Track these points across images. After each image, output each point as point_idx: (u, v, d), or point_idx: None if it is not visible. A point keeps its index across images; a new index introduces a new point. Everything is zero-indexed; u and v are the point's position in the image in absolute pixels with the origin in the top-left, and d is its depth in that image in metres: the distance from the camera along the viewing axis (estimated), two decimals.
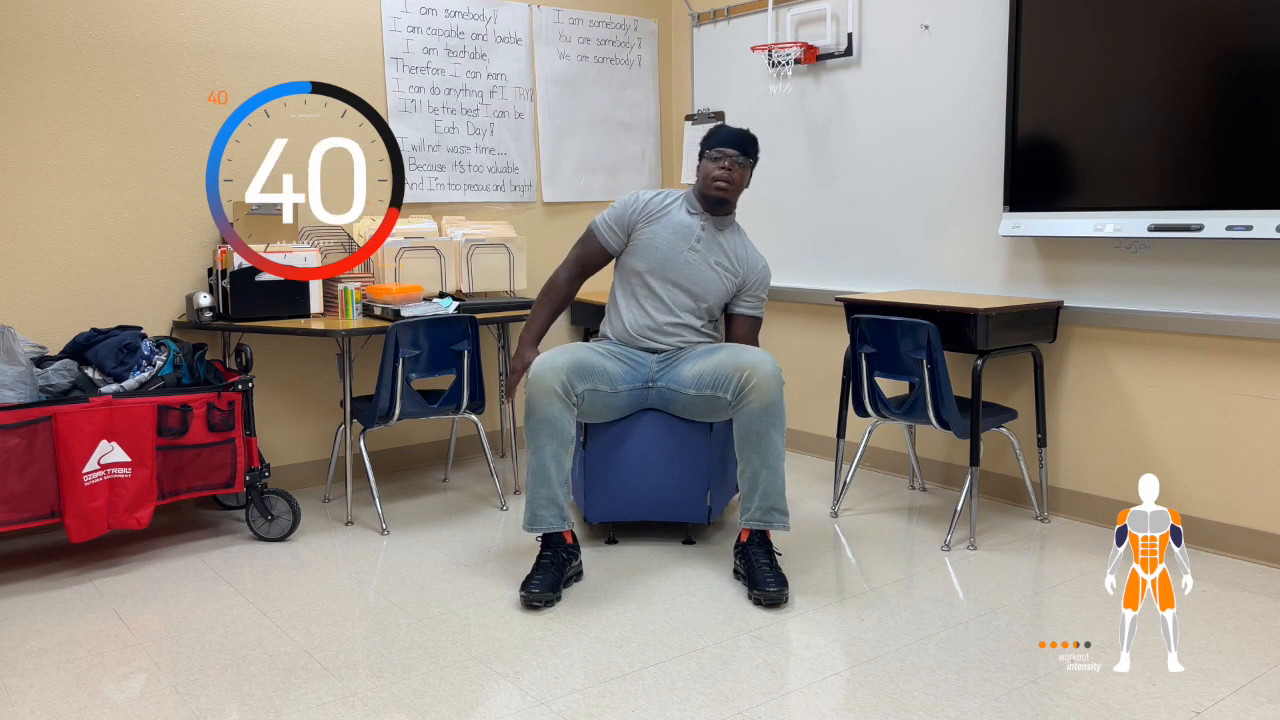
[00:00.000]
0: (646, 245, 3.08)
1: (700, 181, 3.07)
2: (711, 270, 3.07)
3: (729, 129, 3.06)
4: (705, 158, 3.05)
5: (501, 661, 2.39)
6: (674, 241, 3.06)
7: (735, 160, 3.00)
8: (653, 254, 3.07)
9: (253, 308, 3.45)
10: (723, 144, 3.02)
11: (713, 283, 3.08)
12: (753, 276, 3.14)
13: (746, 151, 3.03)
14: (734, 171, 3.00)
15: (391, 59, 4.02)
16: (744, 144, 3.03)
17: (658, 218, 3.09)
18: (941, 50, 3.69)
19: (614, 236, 3.13)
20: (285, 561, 3.11)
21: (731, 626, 2.57)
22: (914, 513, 3.54)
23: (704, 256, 3.07)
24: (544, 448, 2.81)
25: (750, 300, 3.16)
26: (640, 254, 3.09)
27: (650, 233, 3.08)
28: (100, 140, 3.40)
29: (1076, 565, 2.99)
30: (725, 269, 3.09)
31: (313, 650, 2.46)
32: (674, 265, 3.06)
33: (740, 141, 3.02)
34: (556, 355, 2.91)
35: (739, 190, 3.06)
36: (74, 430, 2.86)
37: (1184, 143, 3.00)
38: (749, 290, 3.15)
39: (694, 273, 3.06)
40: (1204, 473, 3.11)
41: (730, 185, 3.01)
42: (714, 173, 3.01)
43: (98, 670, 2.38)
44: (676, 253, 3.06)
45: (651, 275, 3.07)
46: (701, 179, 3.06)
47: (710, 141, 3.05)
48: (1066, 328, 3.39)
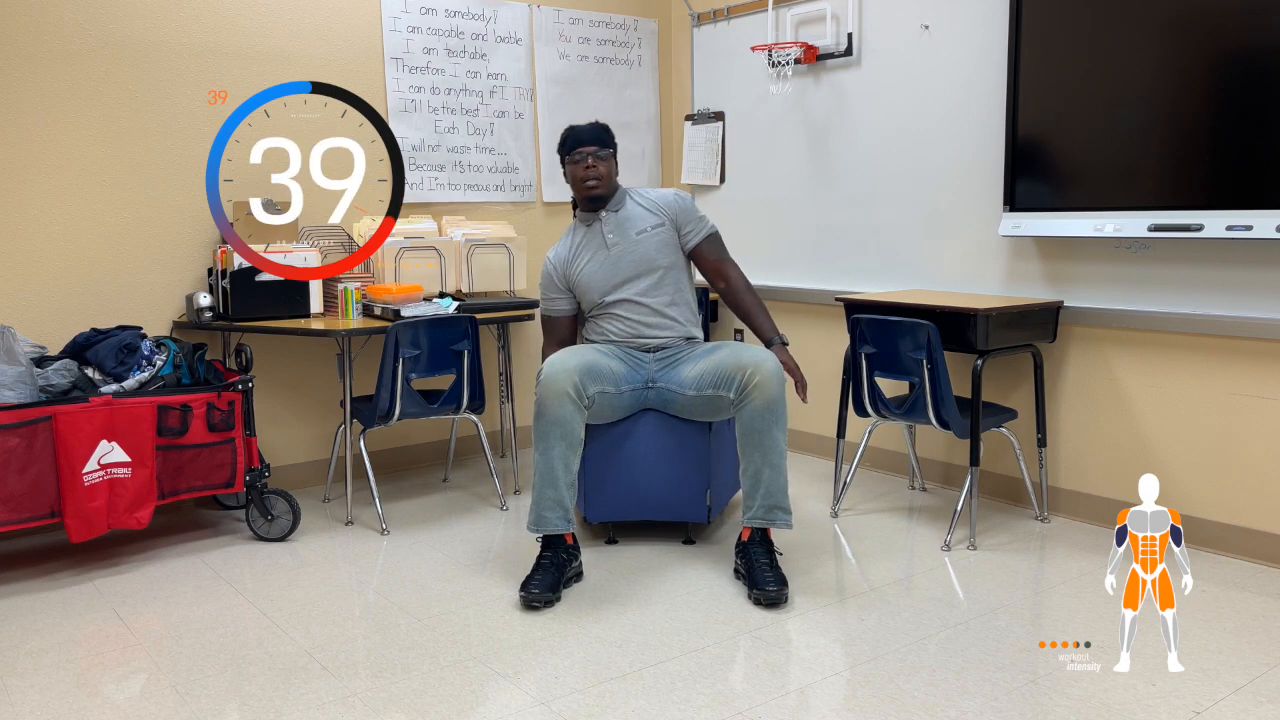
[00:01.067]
0: (587, 283, 3.12)
1: (574, 190, 3.12)
2: (638, 242, 3.09)
3: (575, 129, 3.10)
4: (567, 165, 3.10)
5: (501, 661, 2.39)
6: (597, 256, 3.10)
7: (595, 154, 3.04)
8: (594, 281, 3.11)
9: (253, 308, 3.45)
10: (578, 145, 3.06)
11: (649, 248, 3.09)
12: (672, 210, 3.15)
13: (603, 143, 3.07)
14: (598, 165, 3.05)
15: (391, 59, 4.02)
16: (597, 137, 3.07)
17: (574, 258, 3.14)
18: (941, 50, 3.69)
19: (563, 301, 3.20)
20: (285, 561, 3.11)
21: (731, 626, 2.57)
22: (914, 513, 3.54)
23: (623, 240, 3.09)
24: (553, 449, 2.81)
25: (690, 227, 3.15)
26: (586, 290, 3.13)
27: (579, 270, 3.13)
28: (100, 140, 3.40)
29: (1076, 565, 2.99)
30: (649, 228, 3.11)
31: (313, 650, 2.46)
32: (613, 271, 3.09)
33: (594, 136, 3.07)
34: (568, 357, 2.91)
35: (610, 178, 3.09)
36: (74, 430, 2.86)
37: (1184, 142, 3.00)
38: (682, 222, 3.15)
39: (629, 258, 3.08)
40: (1204, 473, 3.11)
41: (600, 179, 3.05)
42: (579, 175, 3.06)
43: (98, 670, 2.38)
44: (606, 261, 3.09)
45: (606, 295, 3.11)
46: (574, 186, 3.11)
47: (566, 148, 3.10)
48: (1066, 328, 3.39)
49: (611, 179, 3.10)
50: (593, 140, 3.06)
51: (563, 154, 3.10)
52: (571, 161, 3.07)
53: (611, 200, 3.13)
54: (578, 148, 3.06)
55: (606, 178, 3.07)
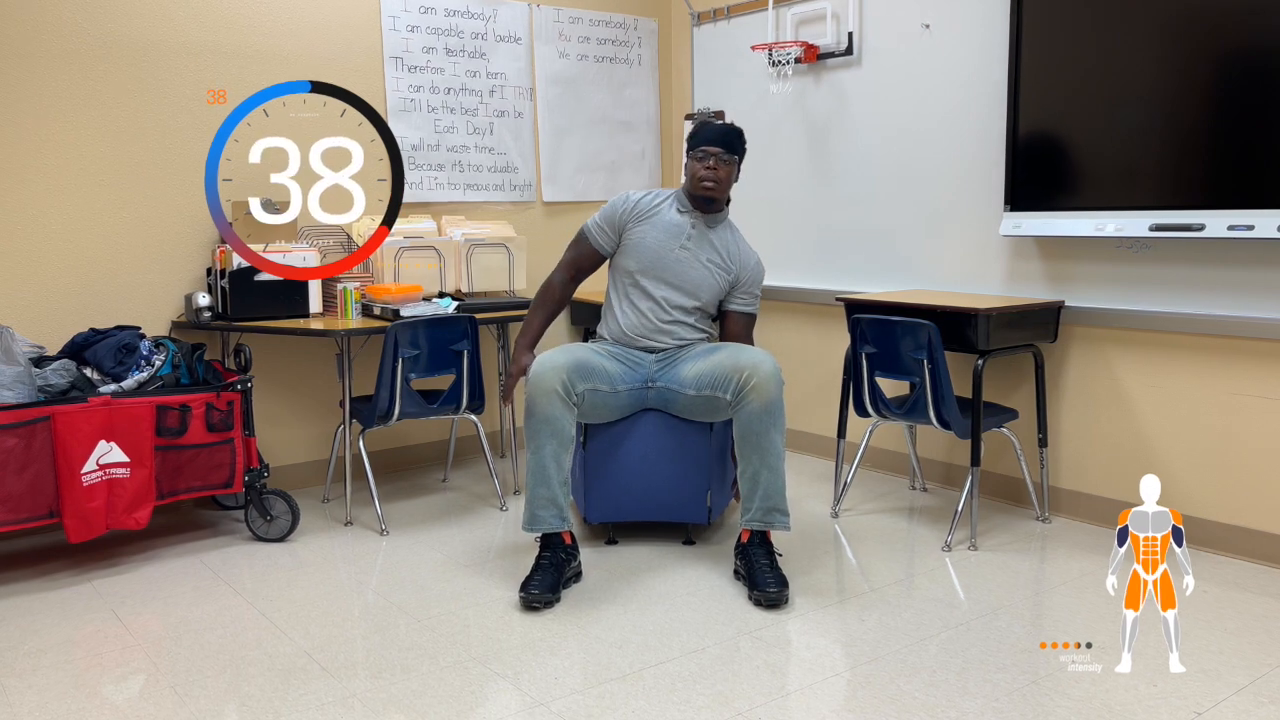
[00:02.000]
0: (637, 245, 3.08)
1: (688, 181, 3.07)
2: (704, 268, 3.07)
3: (713, 126, 3.06)
4: (690, 156, 3.06)
5: (501, 662, 2.39)
6: (665, 240, 3.07)
7: (720, 158, 3.00)
8: (644, 254, 3.07)
9: (252, 307, 3.46)
10: (706, 142, 3.01)
11: (705, 280, 3.08)
12: (745, 273, 3.14)
13: (731, 148, 3.02)
14: (719, 169, 3.00)
15: (391, 58, 4.02)
16: (728, 140, 3.02)
17: (648, 217, 3.09)
18: (942, 49, 3.69)
19: (605, 238, 3.14)
20: (284, 562, 3.11)
21: (732, 627, 2.58)
22: (915, 513, 3.55)
23: (695, 254, 3.07)
24: (544, 447, 2.81)
25: (744, 297, 3.16)
26: (632, 254, 3.09)
27: (640, 232, 3.08)
28: (99, 139, 3.41)
29: (1078, 566, 3.00)
30: (717, 266, 3.09)
31: (312, 651, 2.47)
32: (665, 264, 3.06)
33: (724, 138, 3.02)
34: (556, 355, 2.92)
35: (726, 187, 3.05)
36: (72, 430, 2.87)
37: (1185, 142, 3.01)
38: (742, 287, 3.14)
39: (686, 271, 3.07)
40: (1205, 473, 3.11)
41: (716, 183, 3.01)
42: (699, 172, 3.01)
43: (96, 671, 2.38)
44: (667, 251, 3.06)
45: (643, 275, 3.08)
46: (689, 178, 3.06)
47: (694, 140, 3.05)
48: (1067, 328, 3.40)
49: (728, 186, 3.05)
50: (721, 142, 3.01)
51: (690, 144, 3.06)
52: (695, 156, 3.02)
53: (716, 211, 3.11)
54: (706, 144, 3.01)
55: (724, 183, 3.03)
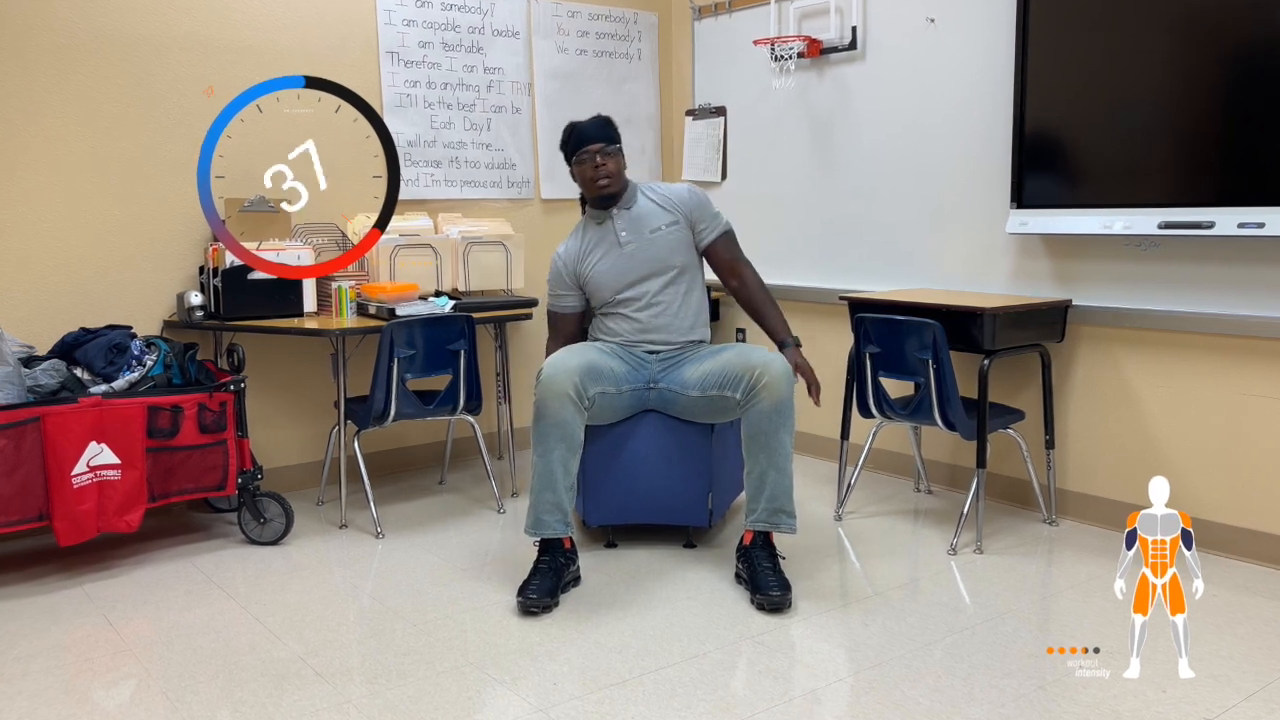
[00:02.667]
0: (597, 278, 3.10)
1: (583, 189, 3.09)
2: (654, 241, 3.07)
3: (579, 126, 3.04)
4: (574, 165, 3.05)
5: (499, 668, 2.39)
6: (609, 254, 3.08)
7: (603, 151, 3.00)
8: (606, 279, 3.09)
9: (245, 307, 3.45)
10: (583, 144, 3.01)
11: (663, 247, 3.07)
12: (686, 207, 3.12)
13: (609, 138, 3.03)
14: (607, 163, 3.01)
15: (387, 53, 4.02)
16: (602, 132, 3.02)
17: (585, 254, 3.12)
18: (947, 44, 3.69)
19: (572, 298, 3.17)
20: (278, 565, 3.11)
21: (733, 632, 2.57)
22: (919, 516, 3.54)
23: (637, 238, 3.07)
24: (553, 451, 2.81)
25: (706, 224, 3.14)
26: (597, 288, 3.11)
27: (591, 270, 3.10)
28: (89, 136, 3.40)
29: (1085, 569, 2.99)
30: (663, 227, 3.09)
31: (306, 656, 2.46)
32: (625, 270, 3.07)
33: (597, 131, 3.02)
34: (568, 357, 2.91)
35: (621, 174, 3.05)
36: (63, 431, 2.86)
37: (1194, 138, 3.00)
38: (697, 219, 3.13)
39: (642, 257, 3.07)
40: (1215, 475, 3.11)
41: (611, 177, 3.01)
42: (589, 175, 3.02)
43: (87, 676, 2.37)
44: (618, 260, 3.07)
45: (618, 293, 3.09)
46: (584, 187, 3.07)
47: (569, 148, 3.05)
48: (1075, 327, 3.39)
49: (622, 175, 3.06)
50: (599, 137, 3.01)
51: (567, 153, 3.06)
52: (578, 162, 3.03)
53: (623, 197, 3.10)
54: (583, 146, 3.01)
55: (617, 174, 3.03)
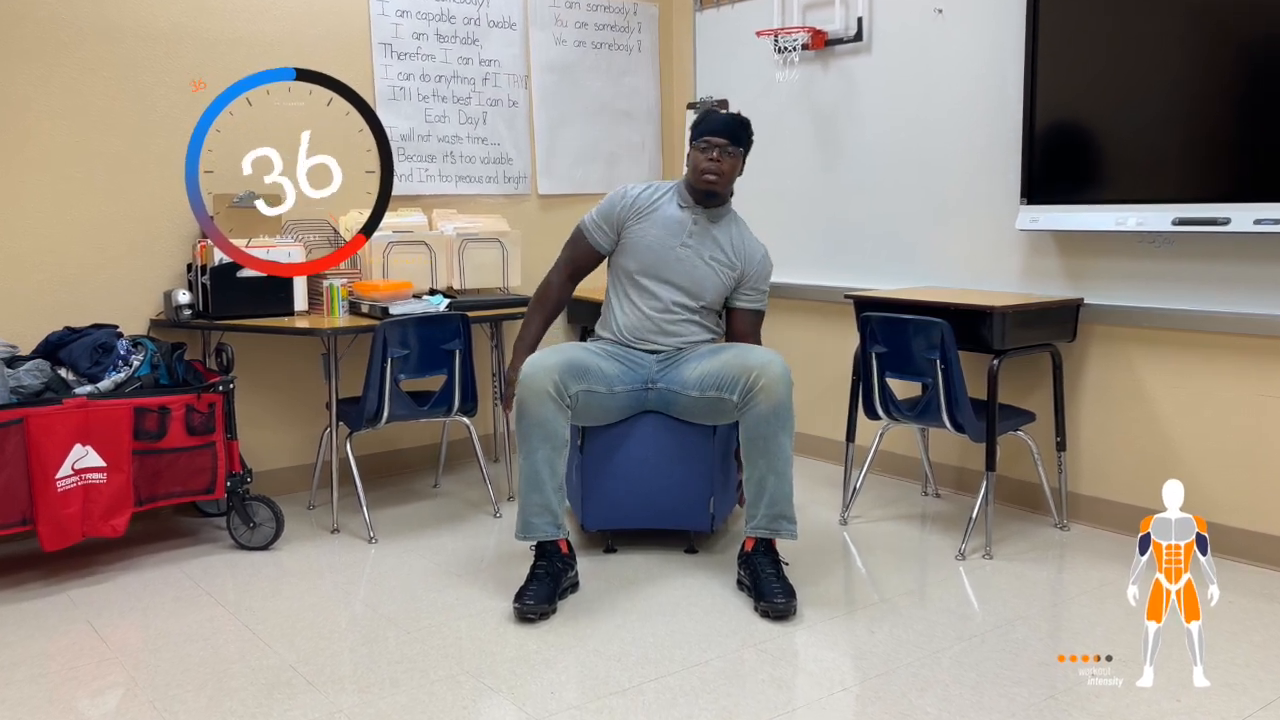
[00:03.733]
0: (637, 243, 3.07)
1: (689, 173, 3.05)
2: (706, 265, 3.06)
3: (717, 115, 3.04)
4: (694, 147, 3.03)
5: (494, 676, 2.39)
6: (665, 238, 3.05)
7: (725, 149, 2.98)
8: (643, 252, 3.06)
9: (234, 305, 3.45)
10: (710, 132, 2.99)
11: (708, 278, 3.07)
12: (751, 268, 3.12)
13: (736, 139, 3.00)
14: (723, 161, 2.98)
15: (379, 44, 4.02)
16: (733, 130, 3.00)
17: (647, 214, 3.08)
18: (956, 35, 3.69)
19: (603, 235, 3.13)
20: (268, 571, 3.11)
21: (736, 639, 2.57)
22: (927, 520, 3.54)
23: (697, 251, 3.05)
24: (536, 451, 2.81)
25: (750, 294, 3.14)
26: (631, 253, 3.08)
27: (640, 230, 3.07)
28: (74, 130, 3.40)
29: (1097, 575, 2.99)
30: (721, 263, 3.08)
31: (297, 664, 2.46)
32: (666, 263, 3.05)
33: (729, 128, 2.99)
34: (548, 355, 2.91)
35: (730, 180, 3.04)
36: (47, 433, 2.86)
37: (1210, 132, 3.00)
38: (748, 283, 3.13)
39: (688, 269, 3.05)
40: (1231, 478, 3.11)
41: (720, 176, 2.99)
42: (702, 164, 2.99)
43: (72, 685, 2.37)
44: (668, 249, 3.05)
45: (643, 275, 3.07)
46: (690, 170, 3.04)
47: (698, 130, 3.03)
48: (1087, 326, 3.39)
49: (732, 179, 3.04)
50: (729, 133, 2.98)
51: (693, 134, 3.03)
52: (698, 146, 3.00)
53: (719, 206, 3.09)
54: (712, 134, 2.98)
55: (728, 176, 3.01)
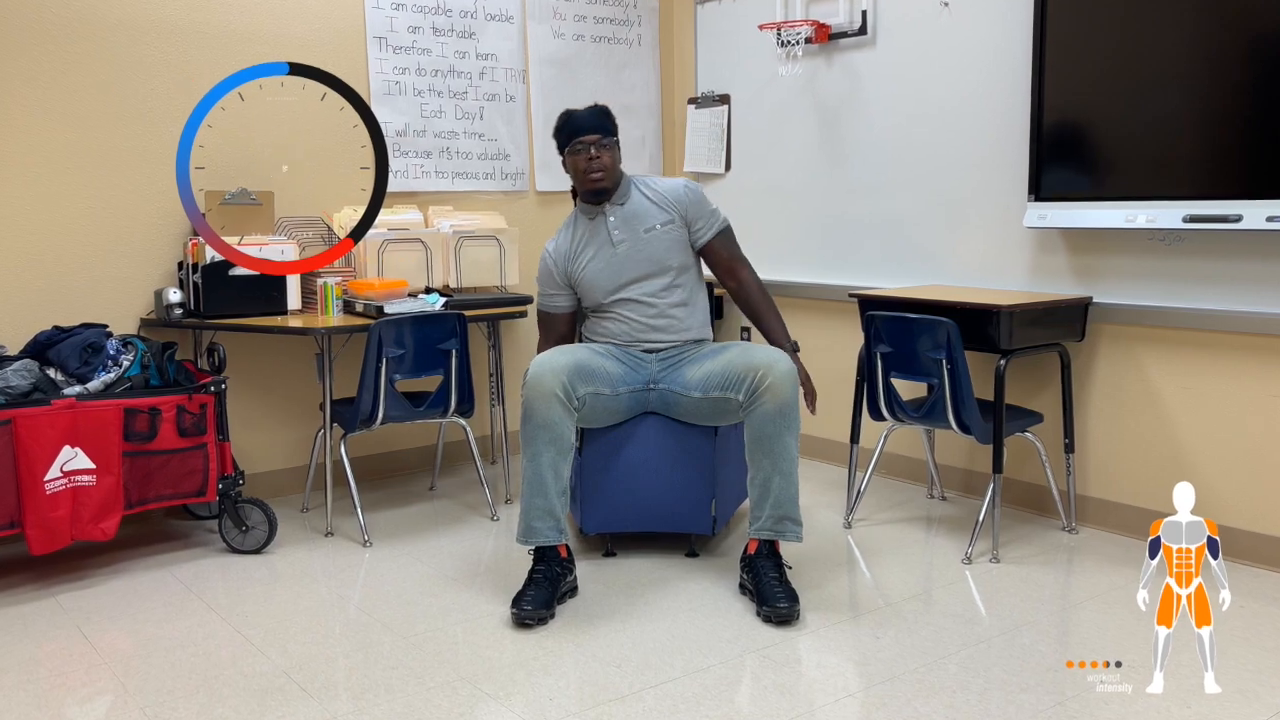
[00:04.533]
0: (589, 280, 3.10)
1: (576, 183, 3.09)
2: (649, 241, 3.07)
3: (574, 115, 3.05)
4: (566, 155, 3.05)
5: (492, 682, 2.39)
6: (602, 254, 3.07)
7: (598, 144, 3.00)
8: (598, 281, 3.09)
9: (226, 304, 3.45)
10: (577, 133, 3.01)
11: (659, 248, 3.07)
12: (683, 203, 3.12)
13: (604, 129, 3.02)
14: (602, 155, 3.00)
15: (374, 38, 4.02)
16: (598, 123, 3.02)
17: (577, 251, 3.12)
18: (962, 28, 3.69)
19: (561, 298, 3.18)
20: (261, 575, 3.11)
21: (738, 645, 2.57)
22: (933, 523, 3.55)
23: (632, 238, 3.06)
24: (541, 455, 2.81)
25: (701, 222, 3.13)
26: (589, 290, 3.11)
27: (582, 269, 3.10)
28: (63, 125, 3.40)
29: (1106, 579, 3.00)
30: (659, 225, 3.08)
31: (290, 670, 2.47)
32: (620, 271, 3.07)
33: (593, 122, 3.02)
34: (556, 356, 2.91)
35: (615, 168, 3.05)
36: (35, 435, 2.86)
37: (1222, 127, 3.00)
38: (693, 216, 3.12)
39: (639, 259, 3.06)
40: (1243, 480, 3.11)
41: (605, 171, 3.01)
42: (582, 166, 3.01)
43: (61, 692, 2.38)
44: (611, 260, 3.07)
45: (610, 295, 3.09)
46: (575, 179, 3.07)
47: (562, 136, 3.05)
48: (1096, 325, 3.40)
49: (616, 169, 3.06)
50: (594, 127, 3.01)
51: (560, 143, 3.06)
52: (571, 152, 3.03)
53: (616, 192, 3.10)
54: (577, 136, 3.01)
55: (611, 168, 3.03)
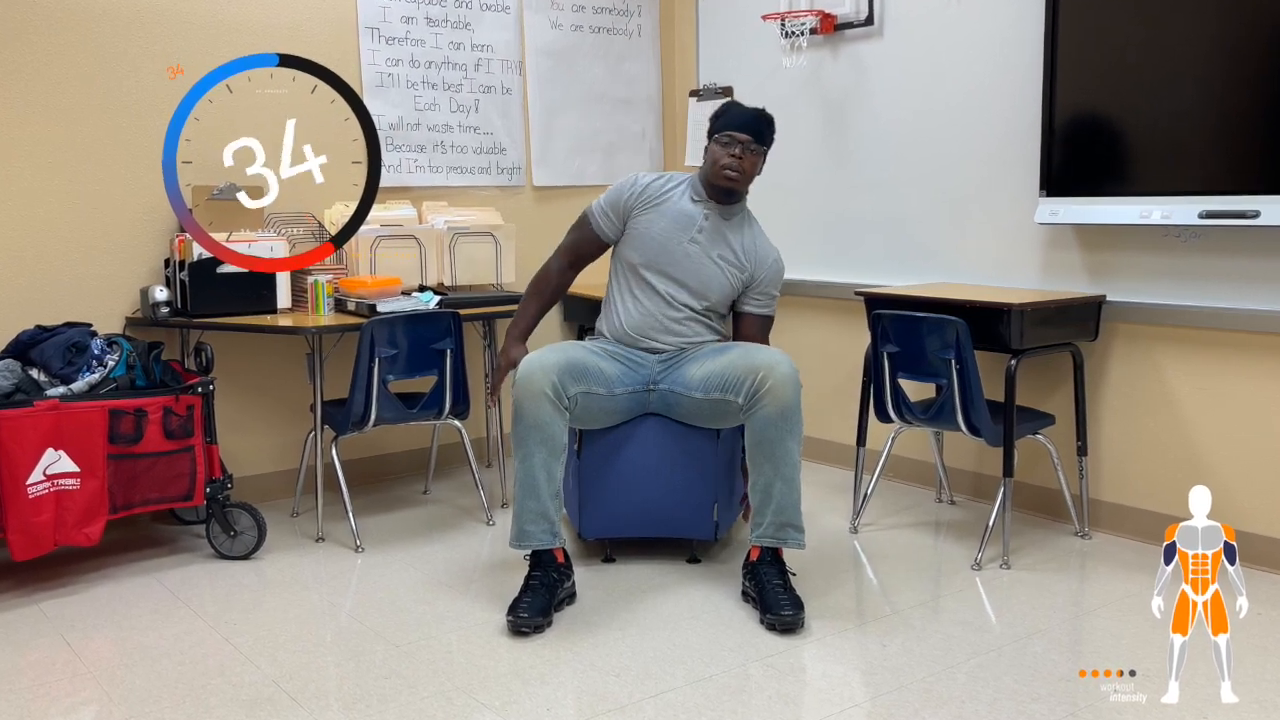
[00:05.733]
0: (643, 234, 3.06)
1: (707, 167, 3.04)
2: (714, 264, 3.06)
3: (742, 109, 3.03)
4: (714, 141, 3.01)
5: (487, 692, 2.39)
6: (673, 232, 3.05)
7: (748, 146, 2.97)
8: (649, 245, 3.06)
9: (214, 302, 3.46)
10: (734, 127, 2.97)
11: (715, 278, 3.07)
12: (762, 272, 3.12)
13: (760, 137, 2.99)
14: (745, 159, 2.97)
15: (366, 29, 4.02)
16: (758, 128, 2.99)
17: (656, 204, 3.07)
18: (972, 19, 3.69)
19: (609, 223, 3.13)
20: (249, 582, 3.11)
21: (741, 653, 2.57)
22: (941, 528, 3.55)
23: (706, 249, 3.05)
24: (533, 456, 2.81)
25: (759, 298, 3.14)
26: (635, 244, 3.08)
27: (647, 221, 3.06)
28: (45, 119, 3.40)
29: (1120, 586, 3.00)
30: (730, 263, 3.08)
31: (280, 679, 2.47)
32: (672, 258, 3.05)
33: (754, 125, 2.98)
34: (547, 354, 2.91)
35: (750, 179, 3.03)
36: (17, 437, 2.86)
37: (1239, 120, 3.00)
38: (758, 287, 3.13)
39: (694, 267, 3.05)
40: (1261, 484, 3.11)
41: (741, 175, 2.98)
42: (723, 160, 2.98)
43: (44, 702, 2.37)
44: (675, 244, 3.05)
45: (647, 269, 3.07)
46: (709, 165, 3.03)
47: (720, 123, 3.01)
48: (1110, 324, 3.40)
49: (751, 178, 3.03)
50: (751, 129, 2.97)
51: (713, 126, 3.02)
52: (720, 141, 2.99)
53: (735, 205, 3.09)
54: (733, 130, 2.97)
55: (748, 175, 3.00)
